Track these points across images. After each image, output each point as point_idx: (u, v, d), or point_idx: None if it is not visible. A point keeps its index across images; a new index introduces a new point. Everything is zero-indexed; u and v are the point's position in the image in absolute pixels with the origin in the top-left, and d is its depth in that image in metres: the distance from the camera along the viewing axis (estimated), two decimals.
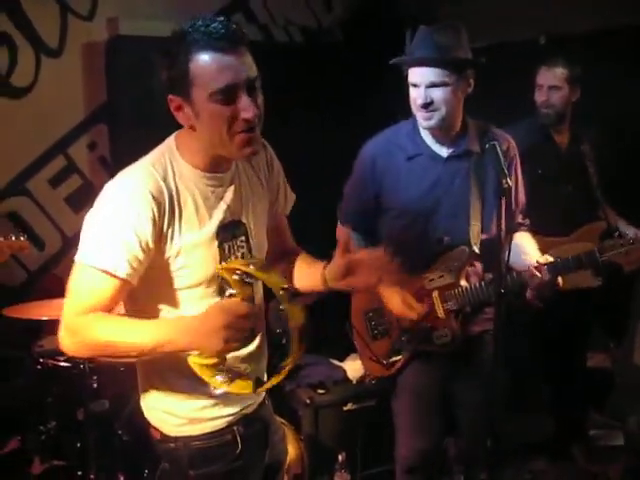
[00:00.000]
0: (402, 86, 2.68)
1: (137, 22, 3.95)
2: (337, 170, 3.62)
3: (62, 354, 2.91)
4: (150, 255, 1.74)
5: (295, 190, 2.14)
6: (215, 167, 1.83)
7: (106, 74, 4.00)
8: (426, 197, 2.58)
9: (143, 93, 3.81)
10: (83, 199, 3.99)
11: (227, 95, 1.69)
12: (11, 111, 3.79)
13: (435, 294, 2.60)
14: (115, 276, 1.70)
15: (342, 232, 2.68)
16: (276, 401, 2.19)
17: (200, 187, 1.81)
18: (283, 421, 3.08)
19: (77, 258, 1.73)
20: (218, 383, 1.77)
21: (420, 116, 2.53)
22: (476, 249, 2.56)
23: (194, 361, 1.74)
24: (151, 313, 1.81)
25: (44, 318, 2.82)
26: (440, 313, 2.60)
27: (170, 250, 1.77)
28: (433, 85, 2.47)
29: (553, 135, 3.50)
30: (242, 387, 1.80)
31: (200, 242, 1.80)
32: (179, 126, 1.82)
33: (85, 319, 1.70)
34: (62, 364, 2.95)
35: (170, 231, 1.75)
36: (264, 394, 2.05)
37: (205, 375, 1.76)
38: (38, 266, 3.92)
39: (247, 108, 1.71)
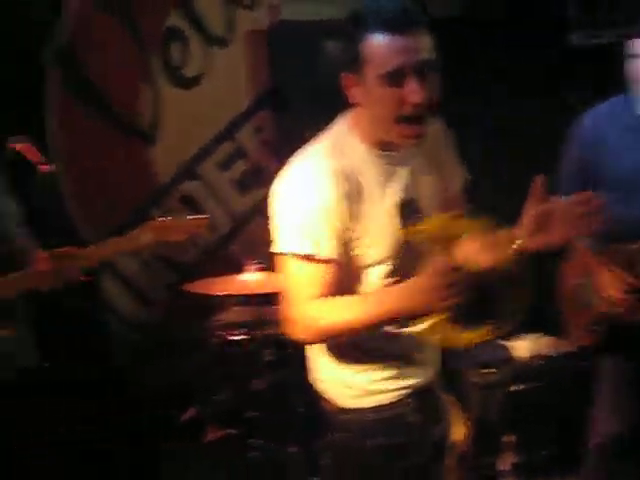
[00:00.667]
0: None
1: (299, 6, 4.05)
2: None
3: (240, 327, 3.07)
4: (341, 234, 1.77)
5: (489, 167, 2.09)
6: (390, 145, 1.83)
7: (270, 60, 4.12)
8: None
9: (306, 76, 3.92)
10: (250, 182, 4.17)
11: (395, 78, 1.68)
12: (183, 100, 3.99)
13: None
14: (322, 258, 1.74)
15: None
16: (443, 380, 2.19)
17: (377, 166, 1.83)
18: (452, 399, 3.08)
19: (282, 249, 1.77)
20: (444, 339, 1.79)
21: None
22: None
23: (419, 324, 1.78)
24: (337, 293, 1.82)
25: (223, 293, 2.95)
26: None
27: (355, 229, 1.79)
28: None
29: None
30: (480, 335, 1.80)
31: (381, 221, 1.82)
32: (343, 108, 1.85)
33: (311, 308, 1.75)
34: (238, 338, 3.09)
35: (354, 210, 1.77)
36: (436, 369, 2.06)
37: (441, 332, 1.77)
38: (208, 247, 4.09)
39: (415, 92, 1.68)
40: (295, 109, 3.99)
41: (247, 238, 4.14)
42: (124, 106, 3.86)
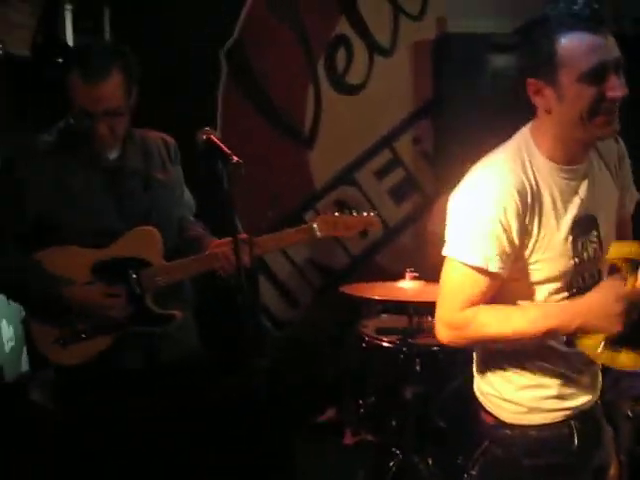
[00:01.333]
0: None
1: (465, 20, 4.02)
2: None
3: (395, 334, 3.07)
4: (515, 250, 1.77)
5: None
6: (571, 159, 1.82)
7: (433, 71, 4.13)
8: None
9: (468, 89, 3.89)
10: (405, 192, 4.19)
11: (598, 74, 1.69)
12: (345, 106, 4.07)
13: None
14: (488, 272, 1.76)
15: None
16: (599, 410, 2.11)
17: (556, 180, 1.81)
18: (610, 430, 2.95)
19: (449, 253, 1.81)
20: (604, 358, 1.80)
21: None
22: None
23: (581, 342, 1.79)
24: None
25: (381, 298, 2.96)
26: None
27: (529, 245, 1.79)
28: None
29: None
30: (630, 360, 1.80)
31: (556, 237, 1.80)
32: (503, 122, 1.85)
33: (464, 315, 1.78)
34: (385, 344, 3.10)
35: (530, 226, 1.77)
36: (597, 395, 2.00)
37: (590, 350, 1.79)
38: (360, 252, 4.15)
39: (616, 87, 1.70)
40: (454, 121, 3.96)
41: (398, 247, 4.15)
42: (286, 107, 4.00)
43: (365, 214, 2.58)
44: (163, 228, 2.40)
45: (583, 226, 1.84)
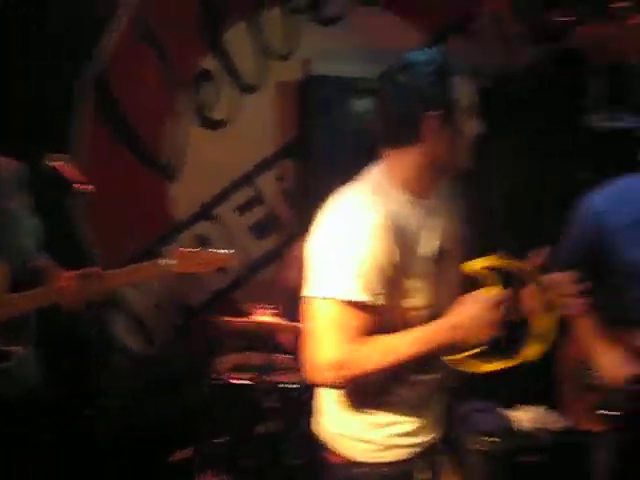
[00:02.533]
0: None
1: (331, 63, 4.13)
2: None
3: (240, 372, 3.04)
4: (387, 280, 1.79)
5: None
6: (425, 192, 1.89)
7: (298, 111, 4.19)
8: None
9: (331, 131, 3.98)
10: (267, 228, 4.20)
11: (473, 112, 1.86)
12: (209, 141, 4.06)
13: None
14: (366, 305, 1.76)
15: None
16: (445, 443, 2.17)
17: (413, 213, 1.87)
18: (454, 464, 3.03)
19: (319, 293, 1.79)
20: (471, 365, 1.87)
21: None
22: None
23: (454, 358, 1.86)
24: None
25: (232, 333, 2.93)
26: None
27: (399, 274, 1.81)
28: None
29: None
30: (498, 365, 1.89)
31: (421, 268, 1.86)
32: (364, 164, 1.92)
33: (348, 353, 1.77)
34: (240, 382, 3.06)
35: (399, 258, 1.80)
36: (441, 429, 2.05)
37: (468, 366, 1.87)
38: (219, 289, 4.11)
39: (478, 124, 1.88)
40: (317, 161, 4.04)
41: (258, 284, 4.14)
42: (149, 139, 3.93)
43: (222, 251, 2.56)
44: (8, 259, 2.28)
45: (436, 256, 1.91)
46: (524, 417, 3.42)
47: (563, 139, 4.05)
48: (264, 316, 2.97)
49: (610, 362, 2.51)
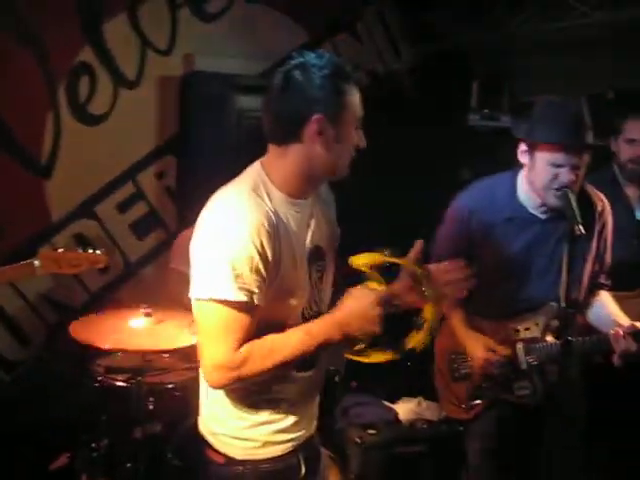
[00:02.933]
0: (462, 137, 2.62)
1: (212, 59, 4.09)
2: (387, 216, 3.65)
3: (123, 373, 2.97)
4: (267, 280, 1.79)
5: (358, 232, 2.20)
6: (300, 193, 1.91)
7: (179, 107, 4.13)
8: (520, 257, 2.61)
9: (213, 127, 3.94)
10: (148, 226, 4.12)
11: (359, 123, 1.88)
12: (87, 137, 3.93)
13: (519, 345, 2.62)
14: (250, 304, 1.76)
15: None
16: (326, 438, 2.21)
17: (291, 212, 1.88)
18: (332, 456, 3.07)
19: (204, 295, 1.77)
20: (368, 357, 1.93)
21: (552, 194, 2.48)
22: (564, 305, 2.48)
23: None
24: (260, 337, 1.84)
25: (106, 346, 2.82)
26: (522, 365, 2.61)
27: (277, 274, 1.82)
28: (577, 167, 2.46)
29: (624, 188, 3.48)
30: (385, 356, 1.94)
31: (295, 265, 1.87)
32: (246, 161, 1.92)
33: (239, 354, 1.77)
34: (119, 384, 2.99)
35: (277, 255, 1.81)
36: (315, 423, 2.09)
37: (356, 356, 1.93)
38: (99, 288, 4.01)
39: (363, 139, 1.90)
40: (198, 158, 3.99)
41: (139, 283, 4.06)
42: (22, 134, 3.75)
43: (91, 251, 2.50)
44: None
45: (314, 255, 1.94)
46: (404, 409, 3.52)
47: (443, 137, 4.16)
48: (140, 317, 2.90)
49: (480, 352, 2.62)
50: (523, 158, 2.57)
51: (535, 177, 2.52)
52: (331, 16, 4.60)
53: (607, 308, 2.70)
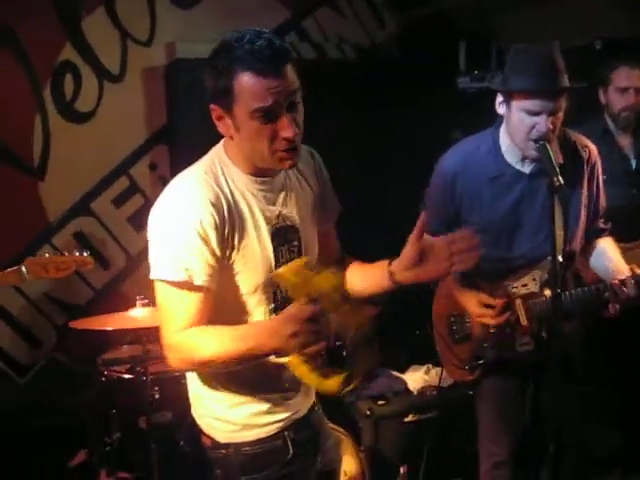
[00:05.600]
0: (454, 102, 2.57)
1: (194, 45, 4.06)
2: (386, 184, 3.62)
3: (123, 364, 2.99)
4: (218, 261, 1.76)
5: (344, 203, 2.13)
6: (263, 172, 1.85)
7: (166, 97, 4.11)
8: (510, 215, 2.58)
9: (201, 114, 3.90)
10: (145, 218, 4.09)
11: (268, 115, 1.71)
12: (76, 134, 3.93)
13: (518, 302, 2.61)
14: (195, 286, 1.74)
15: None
16: (336, 412, 2.19)
17: (252, 192, 1.84)
18: (343, 432, 3.07)
19: (155, 276, 1.76)
20: (312, 379, 1.80)
21: (530, 146, 2.44)
22: (561, 259, 2.43)
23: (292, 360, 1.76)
24: (217, 322, 1.80)
25: (108, 328, 2.87)
26: (523, 320, 2.59)
27: (231, 255, 1.79)
28: (554, 113, 2.41)
29: (617, 138, 3.43)
30: (330, 385, 1.81)
31: (257, 247, 1.83)
32: None
33: (184, 335, 1.74)
34: (125, 376, 3.01)
35: (230, 236, 1.78)
36: (313, 400, 2.06)
37: (300, 372, 1.78)
38: (103, 284, 4.04)
39: (287, 127, 1.73)
40: (190, 146, 3.97)
41: (142, 276, 4.06)
42: (11, 137, 3.76)
43: (77, 254, 2.53)
44: None
45: (283, 236, 1.88)
46: (413, 377, 3.51)
47: (434, 103, 4.11)
48: (137, 308, 2.92)
49: (475, 305, 2.59)
50: (501, 109, 2.54)
51: (513, 129, 2.49)
52: None
53: (606, 257, 2.66)
